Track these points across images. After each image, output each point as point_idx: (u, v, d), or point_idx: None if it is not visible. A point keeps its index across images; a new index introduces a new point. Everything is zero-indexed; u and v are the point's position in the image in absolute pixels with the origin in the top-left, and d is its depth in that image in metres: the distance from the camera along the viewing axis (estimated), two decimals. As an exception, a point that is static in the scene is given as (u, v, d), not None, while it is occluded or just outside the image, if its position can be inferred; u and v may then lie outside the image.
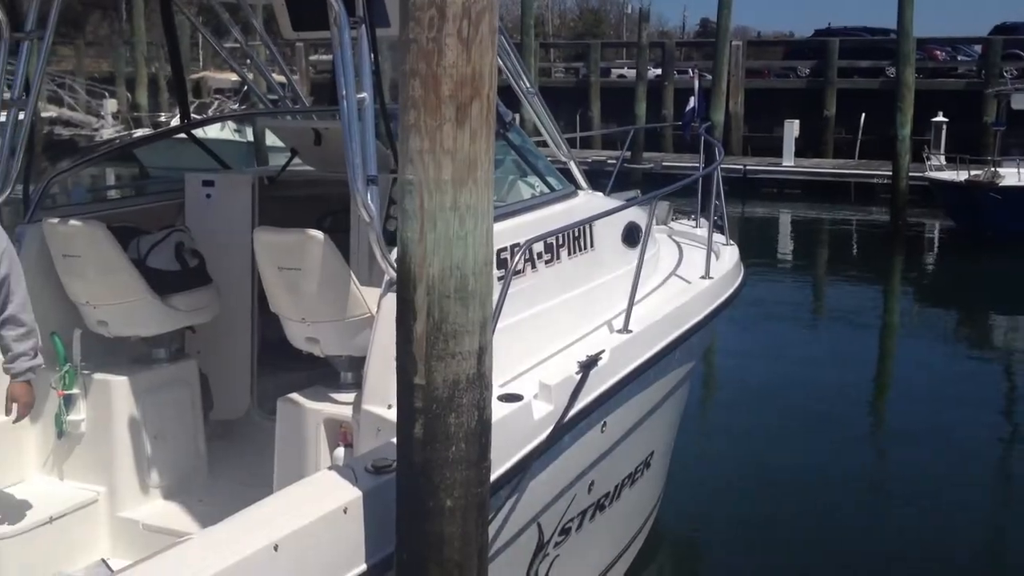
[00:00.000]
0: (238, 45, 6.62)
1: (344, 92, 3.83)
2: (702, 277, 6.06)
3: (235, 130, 22.60)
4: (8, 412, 4.12)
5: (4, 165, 4.77)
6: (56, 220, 4.75)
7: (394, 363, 3.86)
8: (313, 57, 32.75)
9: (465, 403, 2.79)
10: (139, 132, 27.47)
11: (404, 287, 2.81)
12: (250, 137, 23.60)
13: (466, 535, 2.85)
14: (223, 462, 5.18)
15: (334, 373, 4.56)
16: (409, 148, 2.71)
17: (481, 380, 2.83)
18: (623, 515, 5.44)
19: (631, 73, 36.85)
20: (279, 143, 8.20)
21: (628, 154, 11.12)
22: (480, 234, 2.75)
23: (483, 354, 2.82)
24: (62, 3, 4.88)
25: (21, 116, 4.86)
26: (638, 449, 5.34)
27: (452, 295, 2.74)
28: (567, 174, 5.79)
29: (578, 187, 5.77)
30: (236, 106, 26.34)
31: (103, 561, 4.59)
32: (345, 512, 3.09)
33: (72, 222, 4.70)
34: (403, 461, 2.92)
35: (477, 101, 2.67)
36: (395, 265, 3.93)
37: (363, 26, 3.89)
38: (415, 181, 2.70)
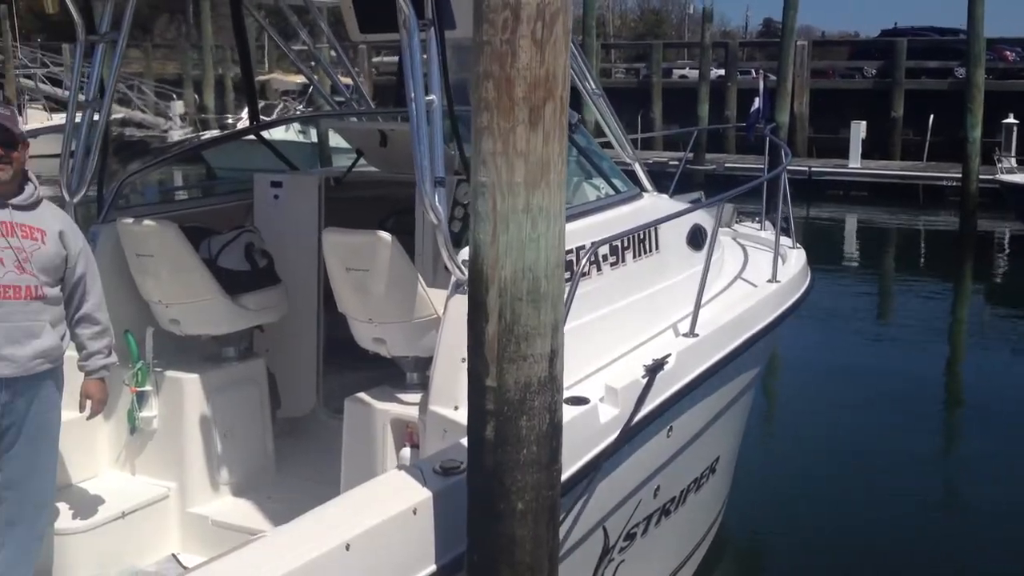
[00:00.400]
0: (305, 47, 6.70)
1: (412, 94, 3.85)
2: (769, 281, 5.98)
3: (300, 131, 22.90)
4: (82, 409, 4.21)
5: (80, 166, 4.88)
6: (130, 220, 4.84)
7: (460, 365, 3.89)
8: (376, 59, 33.03)
9: (537, 406, 2.78)
10: (208, 134, 27.91)
11: (476, 289, 2.81)
12: (314, 138, 23.89)
13: (537, 538, 2.84)
14: (290, 460, 5.24)
15: (399, 373, 4.59)
16: (482, 150, 2.71)
17: (552, 383, 2.82)
18: (688, 521, 5.40)
19: (693, 74, 36.57)
20: (343, 144, 8.30)
21: (691, 155, 11.04)
22: (552, 236, 2.75)
23: (554, 357, 2.82)
24: (135, 6, 4.97)
25: (95, 117, 4.97)
26: (704, 454, 5.29)
27: (524, 297, 2.73)
28: (632, 176, 5.76)
29: (643, 189, 5.74)
30: (301, 108, 26.67)
31: (173, 556, 4.67)
32: (415, 513, 3.11)
33: (146, 222, 4.79)
34: (474, 463, 2.92)
35: (550, 103, 2.66)
36: (462, 267, 3.99)
37: (432, 28, 3.90)
38: (487, 183, 2.71)
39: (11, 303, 3.80)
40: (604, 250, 4.61)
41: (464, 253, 4.04)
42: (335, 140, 24.31)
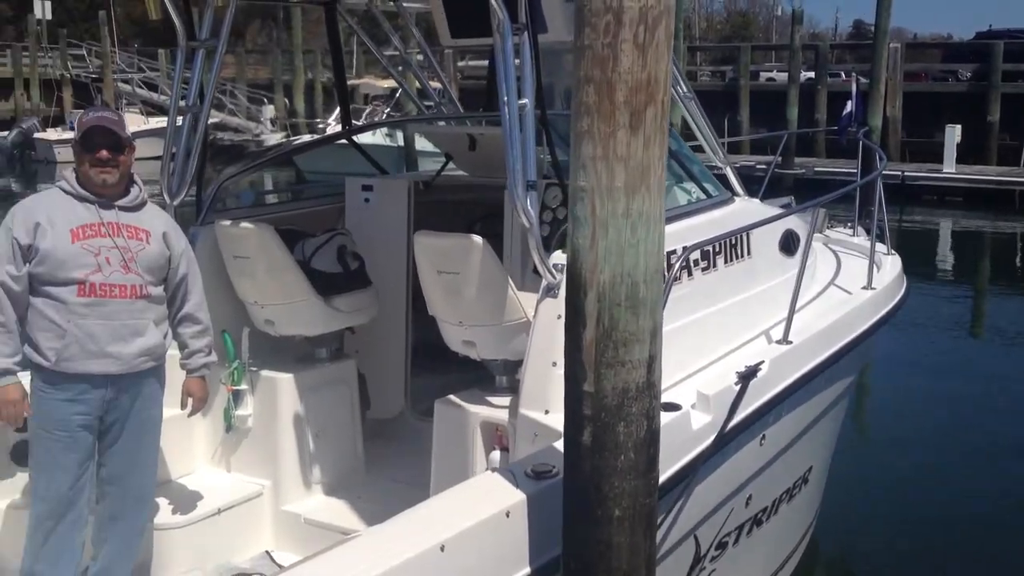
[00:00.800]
0: (397, 52, 6.77)
1: (505, 98, 3.86)
2: (864, 288, 5.86)
3: (386, 135, 23.15)
4: (183, 406, 4.30)
5: (180, 169, 4.99)
6: (228, 222, 4.94)
7: (551, 368, 3.90)
8: (460, 63, 33.27)
9: (635, 412, 2.77)
10: (301, 138, 28.38)
11: (574, 294, 2.80)
12: (401, 142, 24.13)
13: (634, 545, 2.82)
14: (379, 461, 5.29)
15: (487, 377, 4.60)
16: (581, 155, 2.70)
17: (651, 390, 2.80)
18: (780, 531, 5.31)
19: (780, 76, 36.00)
20: (428, 147, 8.35)
21: (779, 159, 10.88)
22: (652, 242, 2.73)
23: (653, 363, 2.79)
24: (234, 13, 5.07)
25: (195, 122, 5.08)
26: (797, 464, 5.19)
27: (623, 303, 2.72)
28: (723, 180, 5.70)
29: (734, 193, 5.68)
30: (387, 112, 26.95)
31: (267, 553, 4.75)
32: (508, 516, 3.11)
33: (243, 224, 4.88)
34: (571, 468, 2.91)
35: (652, 107, 2.64)
36: (553, 271, 3.99)
37: (525, 32, 3.91)
38: (587, 188, 2.70)
39: (117, 302, 3.89)
40: (695, 255, 4.56)
41: (555, 256, 4.05)
42: (421, 144, 24.53)
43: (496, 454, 4.21)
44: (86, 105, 35.31)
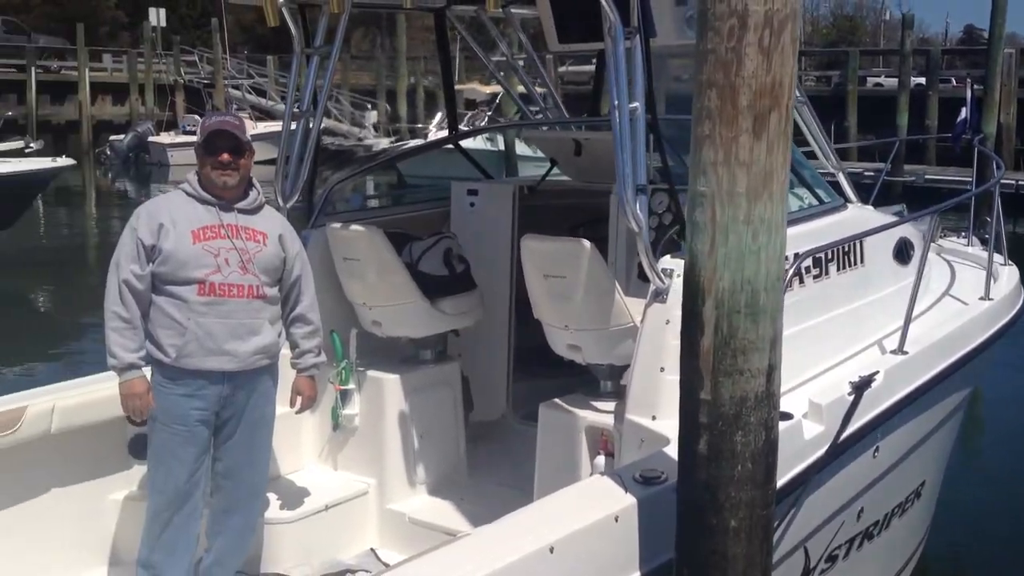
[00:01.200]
0: (504, 58, 6.81)
1: (616, 102, 3.85)
2: (981, 298, 5.67)
3: (487, 139, 23.33)
4: (292, 404, 4.39)
5: (294, 173, 5.10)
6: (338, 225, 5.03)
7: (658, 374, 3.88)
8: (561, 68, 33.29)
9: (753, 422, 2.73)
10: (411, 142, 28.69)
11: (691, 300, 2.78)
12: (502, 146, 24.31)
13: (750, 556, 2.78)
14: (481, 463, 5.32)
15: (590, 381, 4.59)
16: (702, 159, 2.68)
17: (770, 399, 2.76)
18: (891, 546, 5.17)
19: (888, 82, 35.08)
20: (528, 152, 8.37)
21: (889, 166, 10.60)
22: (773, 248, 2.69)
23: (772, 372, 2.75)
24: (348, 20, 5.16)
25: (309, 126, 5.18)
26: (910, 478, 5.06)
27: (742, 310, 2.68)
28: (835, 186, 5.58)
29: (847, 200, 5.56)
30: (488, 117, 27.14)
31: (372, 551, 4.81)
32: (616, 520, 3.10)
33: (353, 227, 4.97)
34: (685, 476, 2.89)
35: (776, 112, 2.61)
36: (662, 275, 3.97)
37: (637, 36, 3.89)
38: (707, 193, 2.67)
39: (234, 301, 3.99)
40: (807, 262, 4.48)
41: (662, 261, 4.03)
42: (521, 148, 24.64)
43: (601, 459, 4.20)
44: (198, 110, 36.45)
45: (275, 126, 27.52)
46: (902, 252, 5.39)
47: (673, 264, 3.98)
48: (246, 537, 4.28)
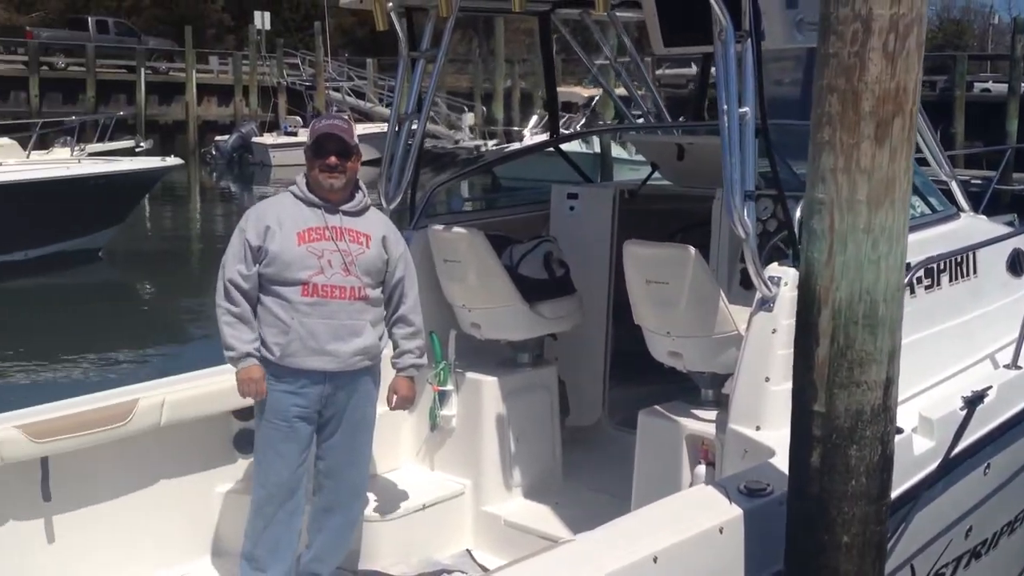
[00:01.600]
0: (607, 61, 6.79)
1: (726, 106, 3.80)
2: None
3: (583, 142, 23.28)
4: (389, 403, 4.40)
5: (397, 175, 5.16)
6: (440, 227, 5.07)
7: (763, 384, 3.81)
8: (658, 72, 33.05)
9: (868, 435, 2.66)
10: (512, 145, 28.80)
11: (806, 310, 2.72)
12: (597, 149, 24.23)
13: (862, 573, 2.72)
14: (576, 467, 5.30)
15: (687, 388, 4.54)
16: (821, 166, 2.62)
17: (886, 413, 2.69)
18: (999, 566, 4.99)
19: (996, 87, 33.91)
20: (623, 155, 8.33)
21: (999, 174, 10.23)
22: (894, 258, 2.62)
23: (890, 385, 2.68)
24: (454, 24, 5.19)
25: (412, 127, 5.23)
26: (1020, 496, 4.87)
27: (860, 321, 2.62)
28: (947, 194, 5.42)
29: (960, 208, 5.39)
30: (584, 121, 27.09)
31: (468, 552, 4.84)
32: (721, 532, 3.06)
33: (455, 229, 5.00)
34: (797, 490, 2.83)
35: (899, 118, 2.54)
36: (769, 285, 3.90)
37: (748, 40, 3.84)
38: (825, 200, 2.62)
39: (337, 302, 4.04)
40: (919, 272, 4.35)
41: (768, 269, 3.96)
42: (616, 151, 24.52)
43: (701, 468, 4.15)
44: (299, 111, 37.17)
45: (373, 128, 27.92)
46: (1016, 264, 5.22)
47: (780, 272, 3.91)
48: (346, 535, 4.33)
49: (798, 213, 4.05)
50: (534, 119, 30.82)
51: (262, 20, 42.36)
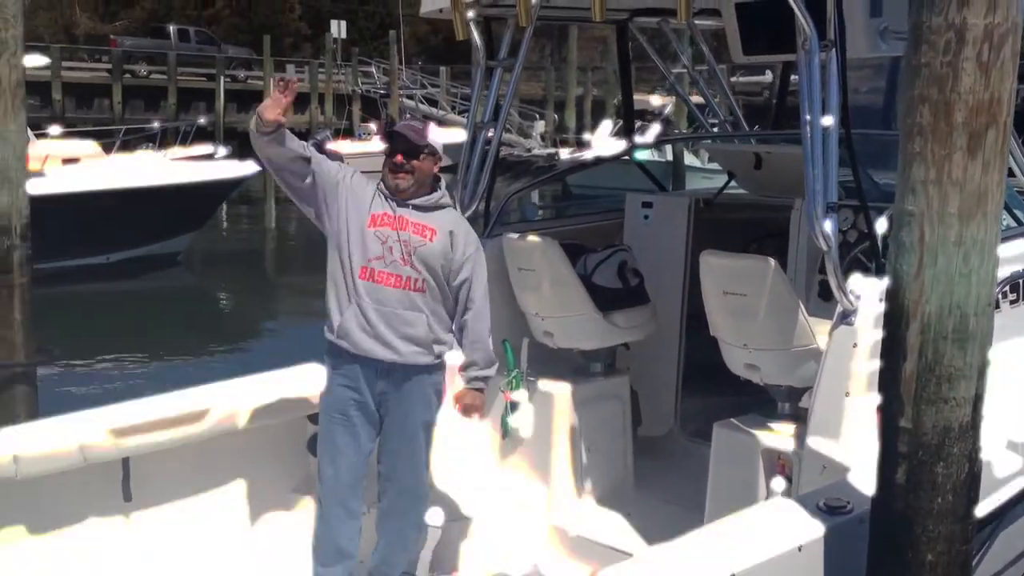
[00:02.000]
0: (684, 70, 6.77)
1: (808, 117, 3.75)
2: None
3: (655, 150, 23.14)
4: (457, 409, 4.34)
5: (473, 182, 5.18)
6: (515, 235, 5.08)
7: (843, 399, 3.75)
8: (732, 79, 32.74)
9: (956, 452, 2.61)
10: (580, 154, 28.77)
11: (894, 324, 2.68)
12: (669, 157, 24.08)
13: (947, 593, 2.66)
14: (647, 478, 5.26)
15: (762, 401, 4.48)
16: (911, 177, 2.58)
17: (974, 430, 2.64)
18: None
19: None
20: (695, 163, 8.28)
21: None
22: (985, 272, 2.56)
23: (978, 402, 2.63)
24: (532, 34, 5.21)
25: (489, 134, 5.25)
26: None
27: (949, 336, 2.57)
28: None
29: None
30: (659, 130, 26.91)
31: (537, 562, 4.80)
32: (800, 550, 3.00)
33: (529, 237, 5.00)
34: (880, 506, 2.78)
35: (993, 129, 2.49)
36: (851, 297, 3.83)
37: (833, 50, 3.79)
38: (916, 212, 2.57)
39: (391, 290, 4.01)
40: (1005, 286, 4.25)
41: (850, 281, 3.89)
42: (689, 159, 24.32)
43: (778, 483, 4.08)
44: (373, 118, 37.53)
45: (445, 134, 28.01)
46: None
47: (862, 284, 3.85)
48: (407, 541, 4.27)
49: (879, 224, 3.99)
50: (601, 128, 30.69)
51: (338, 29, 42.92)
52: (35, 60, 14.47)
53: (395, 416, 4.14)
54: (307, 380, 4.48)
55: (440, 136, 4.19)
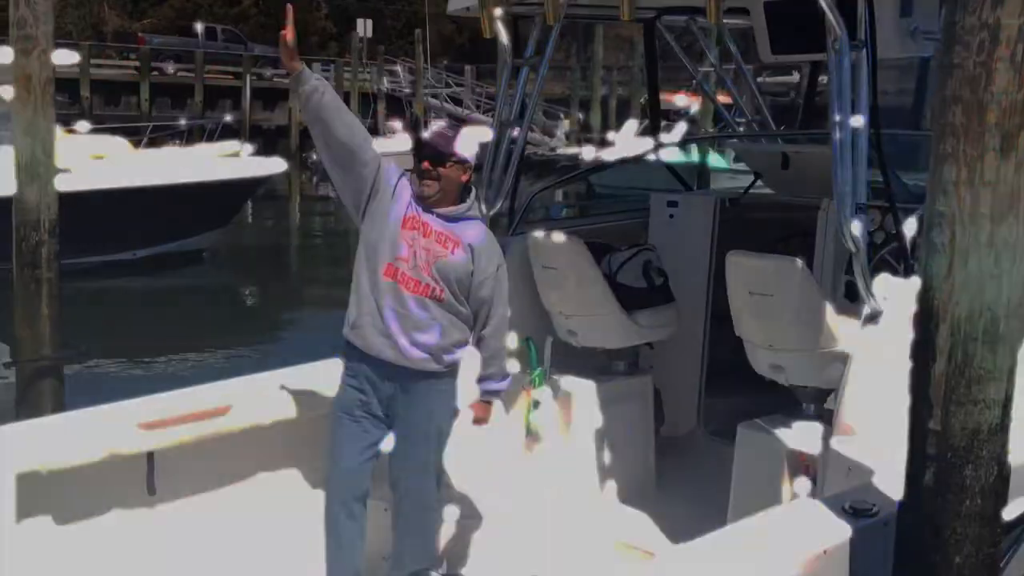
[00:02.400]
0: (712, 68, 6.75)
1: (838, 117, 3.73)
2: None
3: (679, 150, 23.02)
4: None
5: (498, 180, 5.19)
6: (540, 233, 5.08)
7: (868, 401, 3.72)
8: (759, 79, 32.55)
9: (984, 455, 2.58)
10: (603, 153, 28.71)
11: (924, 325, 2.65)
12: (694, 157, 23.96)
13: (973, 596, 2.64)
14: (669, 478, 5.26)
15: (786, 402, 4.46)
16: (943, 178, 2.56)
17: (1003, 432, 2.61)
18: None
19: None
20: (721, 163, 8.25)
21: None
22: (1017, 273, 2.54)
23: (1008, 404, 2.60)
24: (558, 33, 5.20)
25: (513, 134, 5.24)
26: None
27: (979, 337, 2.55)
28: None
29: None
30: (685, 129, 26.80)
31: (556, 566, 4.77)
32: (824, 553, 2.99)
33: (554, 236, 5.00)
34: (908, 510, 2.76)
35: (1027, 130, 2.46)
36: (877, 299, 3.81)
37: (863, 50, 3.76)
38: (946, 213, 2.55)
39: (409, 295, 3.96)
40: None
41: (877, 282, 3.86)
42: (714, 159, 24.19)
43: (802, 484, 4.07)
44: (398, 117, 37.62)
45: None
46: None
47: (889, 285, 3.82)
48: (418, 546, 4.20)
49: (907, 225, 3.96)
50: (625, 128, 30.59)
51: (364, 28, 43.04)
52: (65, 57, 14.56)
53: (403, 421, 4.09)
54: (331, 375, 4.49)
55: (472, 144, 4.11)
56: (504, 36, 5.00)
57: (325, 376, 4.53)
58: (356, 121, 4.12)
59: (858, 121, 3.74)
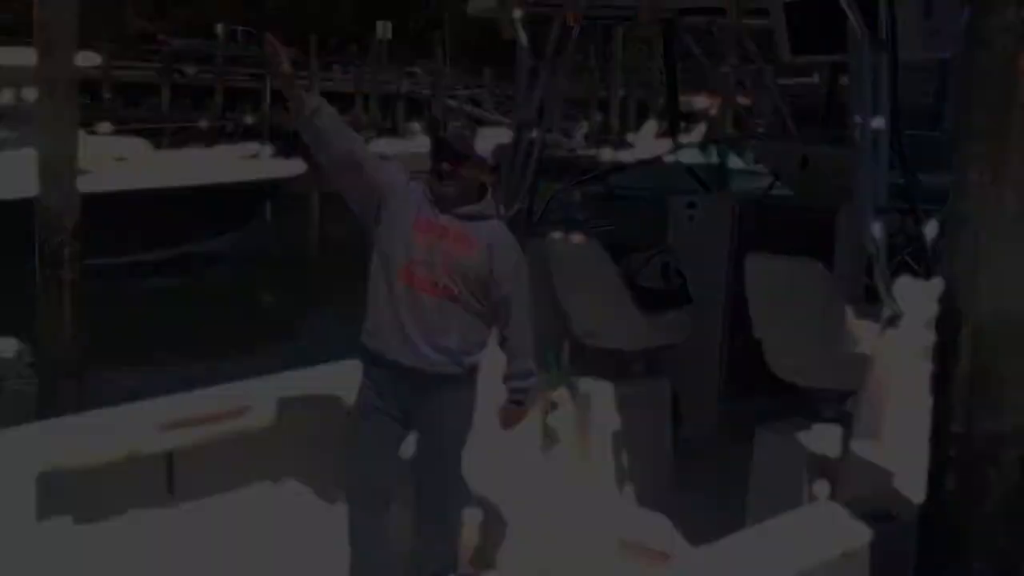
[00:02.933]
0: (731, 68, 6.74)
1: (859, 118, 3.70)
2: None
3: (698, 151, 22.95)
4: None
5: (517, 181, 5.18)
6: (558, 235, 5.07)
7: (888, 403, 3.70)
8: (779, 81, 32.39)
9: (1008, 458, 2.56)
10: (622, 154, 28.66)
11: (947, 327, 2.64)
12: (713, 158, 23.90)
13: (995, 601, 2.61)
14: (688, 479, 5.23)
15: (803, 403, 4.43)
16: (966, 179, 2.54)
17: (1027, 436, 2.59)
18: None
19: None
20: (740, 165, 8.26)
21: None
22: (1041, 276, 2.52)
23: (1032, 407, 2.58)
24: (577, 33, 5.20)
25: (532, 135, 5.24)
26: None
27: (1003, 339, 2.53)
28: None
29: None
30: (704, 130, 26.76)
31: (574, 567, 4.77)
32: (843, 556, 2.97)
33: (572, 237, 5.00)
34: (930, 513, 2.74)
35: (1050, 131, 2.44)
36: (896, 301, 3.78)
37: (885, 51, 3.74)
38: (970, 215, 2.53)
39: (427, 297, 3.92)
40: None
41: (897, 284, 3.84)
42: (733, 161, 24.09)
43: (821, 487, 4.04)
44: (417, 119, 37.66)
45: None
46: None
47: (909, 288, 3.80)
48: (440, 544, 4.19)
49: (928, 228, 3.94)
50: (643, 129, 30.54)
51: (384, 30, 43.12)
52: (87, 59, 14.64)
53: (422, 426, 4.07)
54: (351, 376, 4.49)
55: (490, 145, 4.09)
56: (523, 38, 5.01)
57: (344, 377, 4.53)
58: (353, 133, 4.10)
59: (879, 123, 3.71)
